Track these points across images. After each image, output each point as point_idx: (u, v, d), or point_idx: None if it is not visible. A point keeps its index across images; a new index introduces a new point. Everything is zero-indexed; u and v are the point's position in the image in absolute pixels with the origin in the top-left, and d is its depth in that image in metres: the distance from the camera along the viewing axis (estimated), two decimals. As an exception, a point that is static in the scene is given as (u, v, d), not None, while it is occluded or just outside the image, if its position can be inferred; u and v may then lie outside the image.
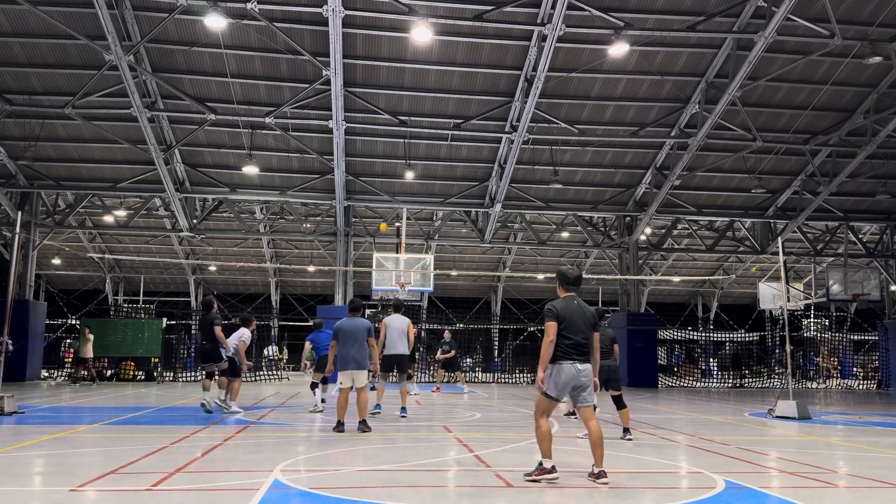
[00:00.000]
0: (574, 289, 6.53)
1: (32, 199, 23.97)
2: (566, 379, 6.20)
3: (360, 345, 9.80)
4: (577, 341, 6.24)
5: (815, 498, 5.88)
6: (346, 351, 9.74)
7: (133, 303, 35.94)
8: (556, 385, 6.23)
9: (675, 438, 9.63)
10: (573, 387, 6.26)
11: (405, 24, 17.24)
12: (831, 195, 24.13)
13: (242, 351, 13.15)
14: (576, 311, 6.32)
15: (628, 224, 26.33)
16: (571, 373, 6.20)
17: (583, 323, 6.30)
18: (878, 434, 10.90)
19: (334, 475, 6.57)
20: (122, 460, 7.04)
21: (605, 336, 9.27)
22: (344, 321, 10.03)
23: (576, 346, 6.23)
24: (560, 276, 6.62)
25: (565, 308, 6.33)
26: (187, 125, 21.12)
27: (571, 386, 6.24)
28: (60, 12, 17.18)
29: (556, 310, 6.30)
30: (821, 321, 32.92)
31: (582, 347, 6.26)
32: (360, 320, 10.06)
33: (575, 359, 6.21)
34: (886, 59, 18.19)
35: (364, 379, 9.85)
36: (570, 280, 6.54)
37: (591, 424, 6.26)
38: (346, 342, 9.79)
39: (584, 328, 6.29)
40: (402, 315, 12.29)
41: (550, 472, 6.15)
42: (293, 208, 25.80)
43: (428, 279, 23.42)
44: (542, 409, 6.30)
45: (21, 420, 10.94)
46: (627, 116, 21.35)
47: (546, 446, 6.22)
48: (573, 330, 6.24)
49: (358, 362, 9.70)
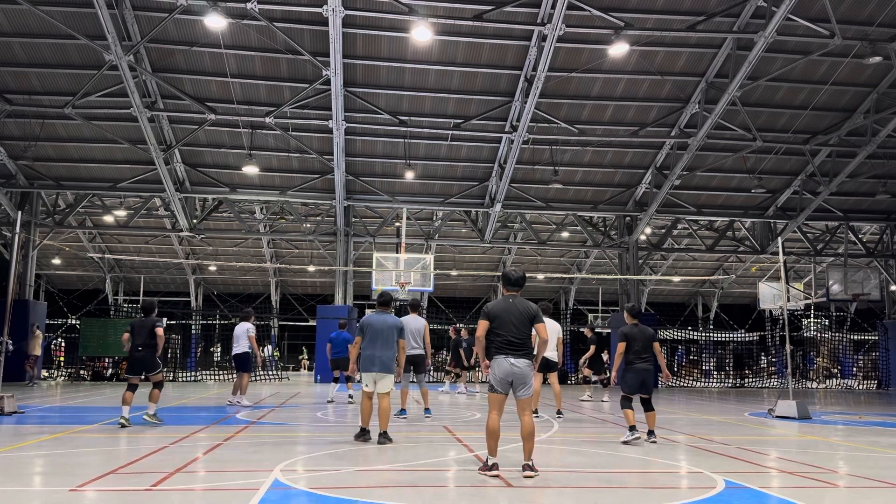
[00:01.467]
0: (514, 289, 6.89)
1: (32, 199, 23.97)
2: (501, 373, 6.54)
3: (389, 345, 8.66)
4: (508, 338, 6.59)
5: (815, 498, 5.88)
6: (372, 350, 8.60)
7: (133, 303, 35.95)
8: (495, 378, 6.58)
9: (675, 438, 9.63)
10: (510, 381, 6.55)
11: (405, 24, 17.24)
12: (831, 195, 24.13)
13: (255, 343, 13.27)
14: (510, 310, 6.67)
15: (628, 224, 26.33)
16: (505, 367, 6.53)
17: (517, 320, 6.63)
18: (878, 434, 10.89)
19: (334, 475, 6.57)
20: (122, 460, 7.04)
21: (645, 335, 8.98)
22: (372, 316, 8.88)
23: (508, 342, 6.59)
24: (503, 276, 7.03)
25: (499, 307, 6.71)
26: (187, 125, 21.13)
27: (509, 380, 6.54)
28: (60, 12, 17.18)
29: (488, 310, 6.75)
30: (821, 321, 32.91)
31: (515, 343, 6.59)
32: (390, 317, 8.91)
33: (508, 353, 6.56)
34: (886, 59, 18.20)
35: (389, 384, 8.61)
36: (510, 281, 6.91)
37: (525, 419, 6.55)
38: (373, 340, 8.64)
39: (517, 325, 6.62)
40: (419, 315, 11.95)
41: (490, 468, 6.40)
42: (293, 208, 25.80)
43: (428, 279, 23.43)
44: (491, 403, 6.63)
45: (21, 420, 10.94)
46: (627, 116, 21.35)
47: (491, 444, 6.47)
48: (505, 327, 6.61)
49: (384, 364, 8.56)
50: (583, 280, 37.19)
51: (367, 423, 8.67)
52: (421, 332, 11.70)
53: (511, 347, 6.59)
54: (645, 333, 9.00)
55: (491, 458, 6.48)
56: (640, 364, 8.87)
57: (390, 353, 8.65)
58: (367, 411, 8.67)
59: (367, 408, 8.67)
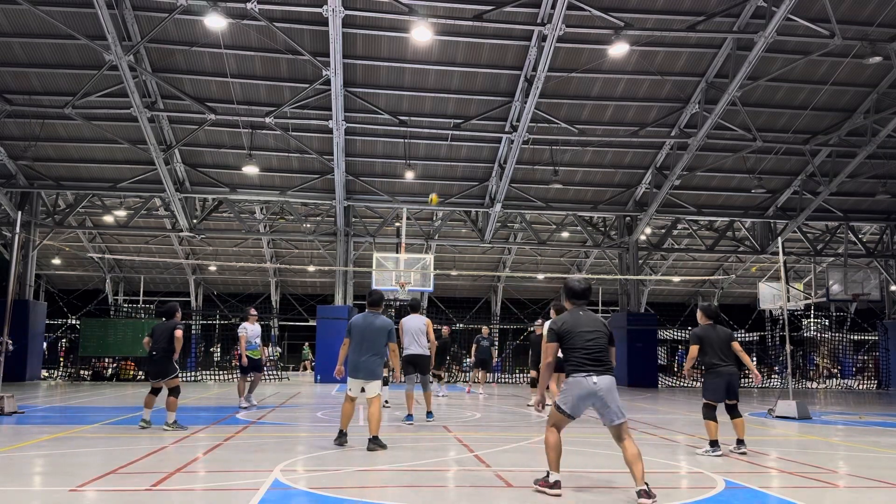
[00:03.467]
0: (581, 301, 6.07)
1: (32, 199, 23.97)
2: (580, 393, 5.68)
3: (375, 349, 8.22)
4: (586, 354, 5.74)
5: (815, 498, 5.88)
6: (357, 356, 8.22)
7: (133, 303, 35.97)
8: (570, 400, 5.74)
9: (675, 438, 9.63)
10: (593, 403, 5.71)
11: (405, 24, 17.24)
12: (831, 195, 24.13)
13: (242, 343, 13.19)
14: (582, 323, 5.86)
15: (628, 224, 26.33)
16: (586, 387, 5.66)
17: (594, 333, 5.80)
18: (878, 434, 10.89)
19: (334, 475, 6.57)
20: (122, 460, 7.04)
21: (722, 336, 8.33)
22: (358, 318, 8.42)
23: (586, 358, 5.73)
24: (567, 289, 6.18)
25: (570, 323, 5.88)
26: (187, 125, 21.13)
27: (590, 403, 5.71)
28: (60, 12, 17.18)
29: (556, 329, 5.89)
30: (821, 321, 32.91)
31: (596, 358, 5.74)
32: (378, 319, 8.41)
33: (590, 371, 5.69)
34: (886, 59, 18.20)
35: (376, 389, 8.29)
36: (576, 293, 6.09)
37: (624, 444, 5.66)
38: (359, 344, 8.25)
39: (594, 338, 5.78)
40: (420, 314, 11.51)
41: (553, 486, 5.71)
42: (293, 208, 25.80)
43: (428, 279, 23.41)
44: (552, 421, 5.89)
45: (21, 420, 10.94)
46: (627, 116, 21.35)
47: (552, 457, 5.80)
48: (580, 343, 5.77)
49: (370, 371, 8.18)
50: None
51: (346, 425, 8.42)
52: (423, 332, 11.29)
53: (593, 364, 5.71)
54: (722, 335, 8.30)
55: (554, 475, 5.75)
56: (724, 367, 8.19)
57: (376, 358, 8.21)
58: (347, 414, 8.39)
59: (348, 411, 8.37)
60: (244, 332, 13.35)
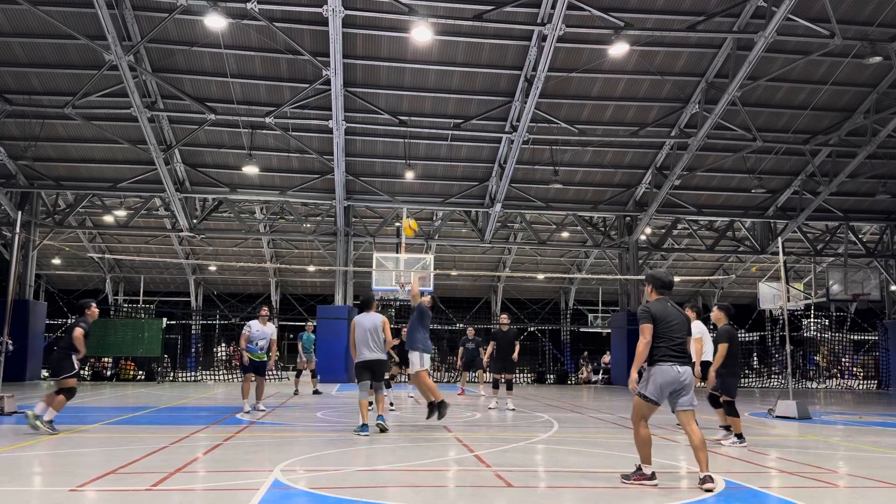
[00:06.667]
0: (667, 293, 6.37)
1: (32, 199, 23.97)
2: (666, 381, 6.01)
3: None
4: (676, 342, 6.08)
5: (815, 498, 5.88)
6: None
7: (133, 303, 35.95)
8: (655, 387, 6.04)
9: (675, 438, 9.63)
10: (672, 391, 6.06)
11: (405, 24, 17.24)
12: (831, 195, 24.13)
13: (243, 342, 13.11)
14: (671, 313, 6.18)
15: (628, 224, 26.33)
16: (672, 375, 6.01)
17: (679, 324, 6.15)
18: (878, 434, 10.89)
19: (334, 475, 6.57)
20: (122, 460, 7.03)
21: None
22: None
23: (675, 346, 6.06)
24: (653, 279, 6.43)
25: (660, 310, 6.17)
26: (187, 125, 21.13)
27: (671, 389, 6.05)
28: (60, 12, 17.18)
29: (651, 311, 6.14)
30: (821, 321, 32.91)
31: (682, 349, 6.09)
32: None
33: (675, 360, 6.02)
34: (886, 59, 18.19)
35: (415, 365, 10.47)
36: (664, 283, 6.38)
37: (691, 428, 6.06)
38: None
39: (681, 329, 6.14)
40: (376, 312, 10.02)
41: (650, 478, 6.04)
42: (293, 208, 25.80)
43: (428, 279, 23.42)
44: (640, 414, 6.14)
45: (21, 420, 10.92)
46: (627, 116, 21.35)
47: (646, 452, 6.10)
48: (671, 330, 6.09)
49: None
50: (583, 280, 37.18)
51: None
52: (378, 331, 9.77)
53: (678, 354, 6.05)
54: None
55: (647, 467, 6.09)
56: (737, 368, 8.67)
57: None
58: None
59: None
60: (247, 330, 13.30)
